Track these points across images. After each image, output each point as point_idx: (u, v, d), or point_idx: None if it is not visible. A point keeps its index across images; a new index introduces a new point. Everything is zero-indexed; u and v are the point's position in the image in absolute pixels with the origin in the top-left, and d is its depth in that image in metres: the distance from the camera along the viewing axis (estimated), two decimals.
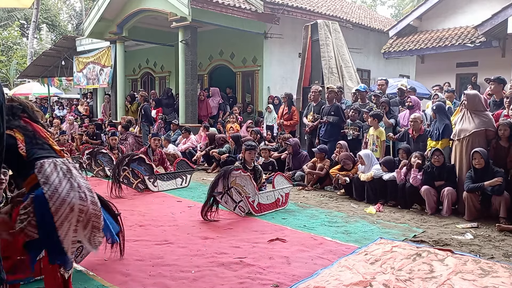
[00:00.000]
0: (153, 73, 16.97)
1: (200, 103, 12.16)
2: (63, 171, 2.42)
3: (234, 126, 10.87)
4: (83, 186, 2.45)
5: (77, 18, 34.68)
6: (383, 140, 6.94)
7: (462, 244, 4.16)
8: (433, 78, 12.50)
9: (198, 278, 3.29)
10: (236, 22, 11.91)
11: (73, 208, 2.34)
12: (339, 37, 9.53)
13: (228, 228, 4.74)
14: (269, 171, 7.69)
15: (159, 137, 8.49)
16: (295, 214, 5.39)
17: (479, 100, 5.55)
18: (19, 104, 2.65)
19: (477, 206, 5.11)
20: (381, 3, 38.94)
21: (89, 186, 2.53)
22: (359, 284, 3.12)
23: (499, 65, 11.70)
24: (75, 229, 2.40)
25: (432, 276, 3.29)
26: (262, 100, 12.90)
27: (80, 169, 6.99)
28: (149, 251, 3.91)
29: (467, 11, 13.23)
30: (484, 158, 5.05)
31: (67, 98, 24.32)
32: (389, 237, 4.35)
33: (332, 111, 7.75)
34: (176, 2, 11.11)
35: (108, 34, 13.95)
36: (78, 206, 2.37)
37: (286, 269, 3.49)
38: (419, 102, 7.71)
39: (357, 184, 6.30)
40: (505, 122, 5.34)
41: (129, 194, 6.55)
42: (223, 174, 5.09)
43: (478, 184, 5.01)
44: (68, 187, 2.38)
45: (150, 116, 12.15)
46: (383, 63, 16.08)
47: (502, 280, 3.21)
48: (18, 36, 30.52)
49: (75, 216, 2.37)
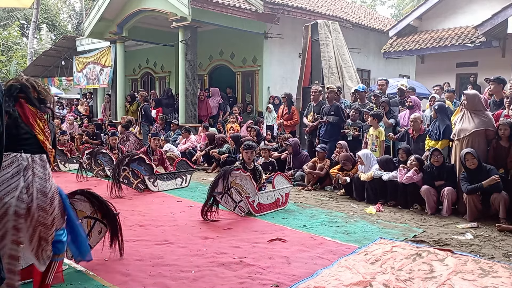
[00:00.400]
0: (153, 73, 16.98)
1: (200, 103, 12.16)
2: (19, 168, 2.23)
3: (234, 126, 10.88)
4: (35, 187, 2.24)
5: (77, 18, 34.68)
6: (382, 140, 6.94)
7: (462, 244, 4.16)
8: (433, 78, 12.50)
9: (198, 278, 3.29)
10: (236, 22, 11.91)
11: (7, 211, 2.13)
12: (339, 37, 9.53)
13: (228, 228, 4.74)
14: (269, 171, 7.69)
15: (159, 137, 8.49)
16: (295, 214, 5.39)
17: (478, 100, 5.55)
18: (18, 83, 2.47)
19: (479, 207, 5.11)
20: (380, 3, 38.93)
21: (47, 190, 2.29)
22: (359, 284, 3.12)
23: (499, 65, 11.71)
24: (14, 239, 2.15)
25: (432, 276, 3.29)
26: (262, 100, 12.90)
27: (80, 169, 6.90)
28: (149, 251, 3.91)
29: (467, 11, 13.23)
30: (476, 158, 5.07)
31: (67, 98, 24.33)
32: (389, 237, 4.35)
33: (332, 111, 7.75)
34: (176, 2, 11.12)
35: (108, 34, 13.95)
36: (13, 208, 2.16)
37: (286, 269, 3.49)
38: (419, 102, 7.71)
39: (357, 184, 6.30)
40: (505, 122, 5.35)
41: (129, 194, 6.55)
42: (223, 174, 5.09)
43: (477, 185, 5.01)
44: (13, 186, 2.18)
45: (150, 116, 12.16)
46: (383, 63, 16.09)
47: (502, 280, 3.21)
48: (18, 36, 30.50)
49: (11, 220, 2.14)
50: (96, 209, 3.46)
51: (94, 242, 3.54)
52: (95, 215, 3.47)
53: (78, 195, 3.36)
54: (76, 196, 3.35)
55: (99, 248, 3.60)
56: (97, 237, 3.54)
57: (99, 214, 3.48)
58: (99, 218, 3.50)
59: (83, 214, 3.41)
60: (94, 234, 3.52)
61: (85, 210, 3.42)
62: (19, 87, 2.46)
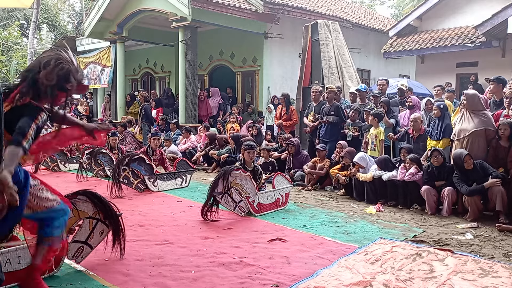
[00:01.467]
0: (153, 73, 16.98)
1: (200, 103, 12.16)
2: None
3: (234, 126, 10.88)
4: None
5: (77, 18, 34.69)
6: (381, 139, 6.94)
7: (462, 244, 4.16)
8: (433, 78, 12.51)
9: (198, 278, 3.29)
10: (236, 22, 11.91)
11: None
12: (339, 37, 9.54)
13: (228, 228, 4.74)
14: (269, 171, 7.69)
15: (159, 136, 8.49)
16: (295, 214, 5.39)
17: (478, 99, 5.56)
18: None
19: (480, 206, 5.13)
20: (379, 3, 38.91)
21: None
22: (359, 284, 3.12)
23: (499, 65, 11.71)
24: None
25: (432, 276, 3.29)
26: (262, 100, 12.90)
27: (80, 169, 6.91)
28: (149, 251, 3.91)
29: (467, 11, 13.23)
30: (473, 159, 5.13)
31: None
32: (389, 237, 4.35)
33: (332, 111, 7.75)
34: (176, 2, 11.12)
35: (108, 34, 13.96)
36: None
37: (286, 269, 3.49)
38: (419, 102, 7.70)
39: (357, 184, 6.30)
40: (505, 121, 5.35)
41: (129, 194, 6.55)
42: (223, 174, 5.09)
43: (478, 187, 5.02)
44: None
45: (151, 116, 12.16)
46: (383, 63, 16.09)
47: (502, 280, 3.21)
48: (18, 36, 30.48)
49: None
50: (99, 210, 3.46)
51: (96, 242, 3.53)
52: (97, 215, 3.47)
53: (81, 196, 3.36)
54: (78, 196, 3.35)
55: (100, 248, 3.60)
56: (98, 238, 3.53)
57: (101, 214, 3.48)
58: (101, 219, 3.50)
59: (85, 214, 3.41)
60: (95, 234, 3.51)
61: (87, 211, 3.41)
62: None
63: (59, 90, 2.59)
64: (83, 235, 3.46)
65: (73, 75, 2.62)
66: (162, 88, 15.70)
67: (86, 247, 3.48)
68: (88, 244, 3.48)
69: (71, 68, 2.61)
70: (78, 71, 2.67)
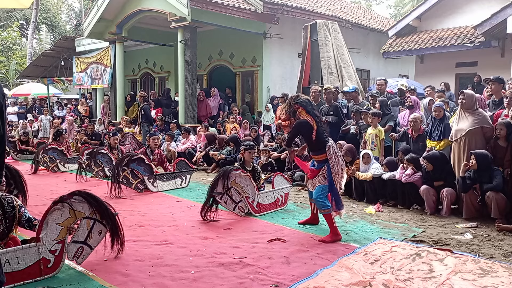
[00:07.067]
0: (152, 73, 16.97)
1: (200, 103, 12.16)
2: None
3: (235, 126, 10.86)
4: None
5: (77, 18, 34.67)
6: (382, 138, 6.94)
7: (462, 244, 4.16)
8: (433, 78, 12.52)
9: (197, 278, 3.29)
10: (236, 22, 11.90)
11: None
12: (338, 37, 9.55)
13: (227, 228, 4.74)
14: (269, 172, 7.69)
15: (158, 136, 8.47)
16: (295, 214, 5.39)
17: (476, 99, 5.57)
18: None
19: (476, 205, 5.11)
20: (376, 2, 38.92)
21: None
22: (358, 284, 3.12)
23: (499, 65, 11.72)
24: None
25: (432, 276, 3.29)
26: (262, 100, 12.90)
27: (79, 169, 6.97)
28: (148, 251, 3.91)
29: (466, 11, 13.25)
30: (478, 160, 5.09)
31: (66, 98, 24.31)
32: (389, 237, 4.35)
33: (331, 111, 7.75)
34: (175, 2, 11.11)
35: (107, 34, 13.94)
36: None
37: (286, 269, 3.49)
38: (419, 102, 7.71)
39: (357, 184, 6.30)
40: (502, 121, 5.35)
41: (128, 194, 6.55)
42: (222, 174, 5.09)
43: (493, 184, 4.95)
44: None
45: (150, 116, 12.14)
46: (382, 63, 16.09)
47: (501, 280, 3.21)
48: (17, 36, 30.51)
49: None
50: (95, 210, 3.46)
51: (95, 243, 3.53)
52: (94, 215, 3.47)
53: (76, 196, 3.36)
54: (74, 197, 3.35)
55: (99, 248, 3.60)
56: (97, 238, 3.53)
57: (98, 214, 3.48)
58: (98, 218, 3.50)
59: (81, 215, 3.41)
60: (94, 235, 3.51)
61: (83, 211, 3.42)
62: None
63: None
64: (82, 235, 3.46)
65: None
66: (162, 88, 15.69)
67: (86, 248, 3.48)
68: (87, 245, 3.49)
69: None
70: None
